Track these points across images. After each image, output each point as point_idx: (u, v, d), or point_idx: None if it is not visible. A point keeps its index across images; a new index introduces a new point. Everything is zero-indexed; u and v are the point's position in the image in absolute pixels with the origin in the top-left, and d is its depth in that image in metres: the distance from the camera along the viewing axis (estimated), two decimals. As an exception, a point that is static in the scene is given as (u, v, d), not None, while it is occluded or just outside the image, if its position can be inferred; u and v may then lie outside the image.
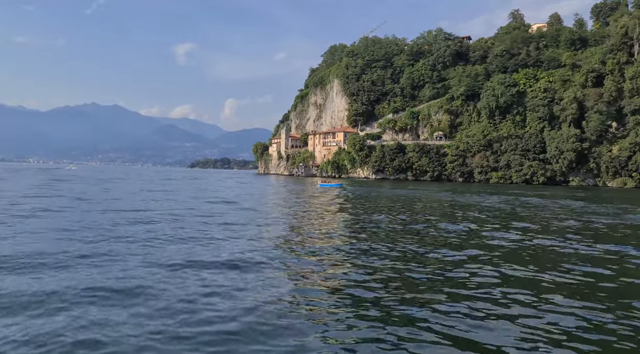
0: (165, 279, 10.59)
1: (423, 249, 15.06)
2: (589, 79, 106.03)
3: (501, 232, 19.77)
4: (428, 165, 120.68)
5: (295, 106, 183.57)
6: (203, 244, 15.36)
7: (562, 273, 12.04)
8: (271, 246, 15.36)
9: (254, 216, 24.93)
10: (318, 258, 13.41)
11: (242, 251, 14.01)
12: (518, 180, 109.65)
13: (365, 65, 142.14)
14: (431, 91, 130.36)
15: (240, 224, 21.18)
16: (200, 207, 29.27)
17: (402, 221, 23.48)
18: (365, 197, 44.53)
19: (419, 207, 33.49)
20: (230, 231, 18.78)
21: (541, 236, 18.88)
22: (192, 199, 38.05)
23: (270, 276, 11.11)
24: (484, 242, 16.92)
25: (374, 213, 27.46)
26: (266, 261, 12.68)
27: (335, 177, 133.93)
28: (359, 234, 18.79)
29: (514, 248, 15.93)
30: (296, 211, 29.88)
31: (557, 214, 29.63)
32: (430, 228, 20.95)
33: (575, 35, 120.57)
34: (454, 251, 14.94)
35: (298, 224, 22.54)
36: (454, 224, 22.70)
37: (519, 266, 12.74)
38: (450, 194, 49.11)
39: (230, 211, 27.66)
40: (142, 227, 19.03)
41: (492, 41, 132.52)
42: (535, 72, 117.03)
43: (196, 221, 21.89)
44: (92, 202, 31.33)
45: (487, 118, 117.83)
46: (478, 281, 11.00)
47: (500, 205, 36.92)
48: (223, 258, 12.90)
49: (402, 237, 17.88)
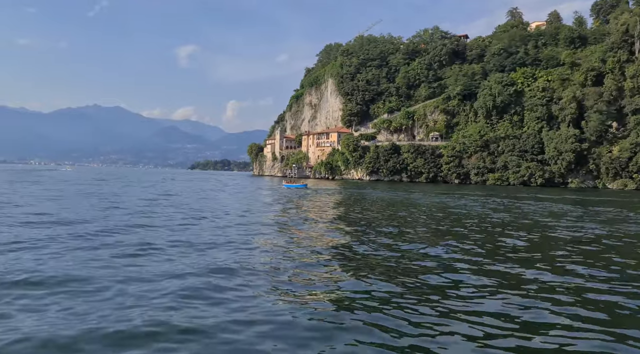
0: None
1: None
2: (589, 78, 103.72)
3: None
4: (423, 166, 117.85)
5: (291, 106, 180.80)
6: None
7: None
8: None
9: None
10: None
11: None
12: (515, 182, 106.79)
13: (360, 65, 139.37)
14: (427, 90, 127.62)
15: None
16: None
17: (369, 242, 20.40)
18: (339, 202, 41.46)
19: (400, 217, 30.44)
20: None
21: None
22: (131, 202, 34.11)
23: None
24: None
25: (331, 225, 22.70)
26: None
27: (328, 178, 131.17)
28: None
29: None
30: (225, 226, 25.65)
31: (545, 225, 26.59)
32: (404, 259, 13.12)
33: (575, 33, 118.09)
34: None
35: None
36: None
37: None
38: (444, 199, 44.69)
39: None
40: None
41: (490, 40, 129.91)
42: (534, 71, 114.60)
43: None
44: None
45: (484, 118, 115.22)
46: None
47: (492, 214, 33.87)
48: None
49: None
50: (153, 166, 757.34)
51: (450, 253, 13.82)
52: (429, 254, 13.52)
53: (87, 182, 66.43)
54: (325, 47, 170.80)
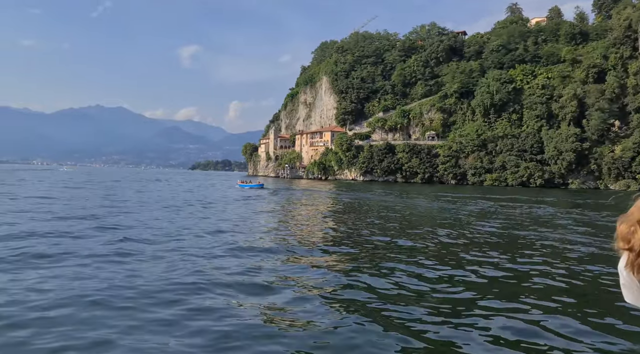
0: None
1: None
2: (590, 75, 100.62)
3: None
4: (419, 166, 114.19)
5: (286, 105, 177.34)
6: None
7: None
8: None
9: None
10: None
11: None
12: (514, 182, 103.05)
13: (355, 62, 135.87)
14: (423, 88, 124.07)
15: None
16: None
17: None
18: (300, 204, 37.86)
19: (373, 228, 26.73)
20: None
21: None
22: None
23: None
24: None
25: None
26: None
27: (321, 179, 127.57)
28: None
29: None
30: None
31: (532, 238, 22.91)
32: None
33: (576, 29, 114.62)
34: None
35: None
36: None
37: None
38: (437, 204, 39.67)
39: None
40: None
41: (488, 36, 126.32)
42: (533, 68, 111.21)
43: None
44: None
45: (482, 117, 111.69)
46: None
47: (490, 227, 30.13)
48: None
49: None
50: (155, 166, 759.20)
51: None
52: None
53: (62, 183, 63.08)
54: (320, 45, 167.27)
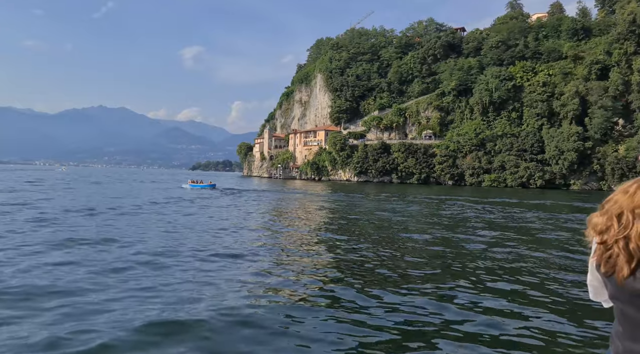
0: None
1: None
2: (593, 72, 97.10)
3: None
4: (415, 166, 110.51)
5: (281, 104, 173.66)
6: None
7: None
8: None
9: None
10: None
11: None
12: (513, 183, 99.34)
13: (351, 59, 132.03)
14: (420, 85, 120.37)
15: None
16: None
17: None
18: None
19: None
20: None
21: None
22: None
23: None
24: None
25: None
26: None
27: (315, 179, 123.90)
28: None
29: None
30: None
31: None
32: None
33: (578, 24, 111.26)
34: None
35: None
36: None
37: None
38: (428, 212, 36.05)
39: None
40: None
41: (488, 32, 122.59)
42: (534, 64, 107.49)
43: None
44: None
45: (480, 115, 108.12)
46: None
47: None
48: None
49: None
50: (157, 167, 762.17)
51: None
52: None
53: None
54: (316, 42, 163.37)
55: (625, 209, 1.46)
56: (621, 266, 1.42)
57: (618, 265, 1.43)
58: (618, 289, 1.48)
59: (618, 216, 1.46)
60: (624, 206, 1.47)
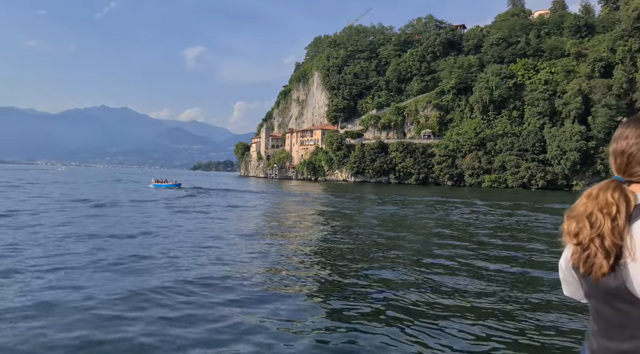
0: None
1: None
2: (596, 69, 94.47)
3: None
4: (413, 166, 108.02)
5: (278, 103, 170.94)
6: None
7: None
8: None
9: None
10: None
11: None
12: (514, 184, 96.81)
13: (348, 57, 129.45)
14: (419, 84, 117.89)
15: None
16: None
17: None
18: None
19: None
20: None
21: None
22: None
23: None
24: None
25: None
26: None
27: (311, 179, 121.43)
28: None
29: None
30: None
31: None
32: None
33: (581, 21, 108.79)
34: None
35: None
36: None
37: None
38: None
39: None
40: None
41: (488, 29, 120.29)
42: (535, 62, 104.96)
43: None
44: None
45: (480, 114, 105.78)
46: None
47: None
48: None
49: None
50: (159, 167, 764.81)
51: None
52: None
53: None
54: (314, 40, 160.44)
55: (594, 210, 1.52)
56: (599, 263, 1.47)
57: (596, 263, 1.48)
58: (593, 288, 1.54)
59: (588, 216, 1.53)
60: (590, 208, 1.54)
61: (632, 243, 1.42)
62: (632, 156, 1.54)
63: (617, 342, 1.50)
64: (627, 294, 1.44)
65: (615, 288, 1.45)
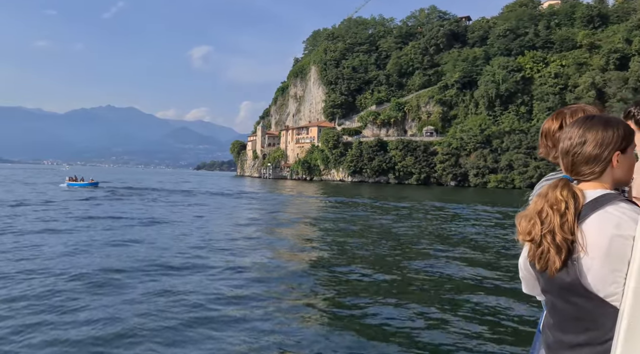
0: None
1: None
2: (611, 61, 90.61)
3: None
4: (414, 165, 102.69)
5: (276, 99, 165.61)
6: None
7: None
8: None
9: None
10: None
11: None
12: (522, 184, 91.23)
13: (347, 50, 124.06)
14: (421, 78, 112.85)
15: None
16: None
17: None
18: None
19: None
20: None
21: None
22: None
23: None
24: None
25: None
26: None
27: (306, 179, 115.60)
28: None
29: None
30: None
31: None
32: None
33: (594, 11, 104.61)
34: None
35: None
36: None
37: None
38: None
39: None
40: None
41: (495, 21, 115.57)
42: (545, 54, 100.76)
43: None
44: None
45: (486, 109, 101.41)
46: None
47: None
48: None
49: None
50: (165, 166, 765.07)
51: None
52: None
53: None
54: (312, 34, 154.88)
55: (544, 207, 1.58)
56: (553, 259, 1.52)
57: (550, 259, 1.54)
58: (549, 283, 1.60)
59: (539, 213, 1.58)
60: (540, 205, 1.60)
61: (583, 239, 1.47)
62: (576, 156, 1.58)
63: (572, 335, 1.54)
64: (581, 288, 1.48)
65: (570, 283, 1.50)
